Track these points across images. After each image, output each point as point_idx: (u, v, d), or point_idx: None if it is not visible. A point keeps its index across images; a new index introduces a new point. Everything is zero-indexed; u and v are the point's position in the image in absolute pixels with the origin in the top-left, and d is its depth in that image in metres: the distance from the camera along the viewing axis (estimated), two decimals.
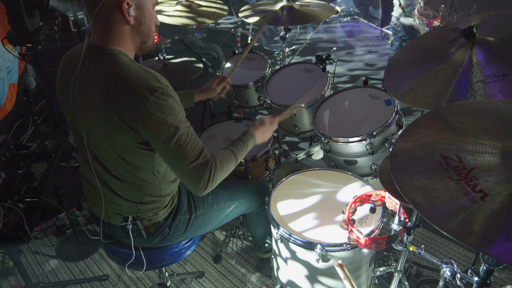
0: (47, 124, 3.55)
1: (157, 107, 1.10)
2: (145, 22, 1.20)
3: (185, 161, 1.16)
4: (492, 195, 0.69)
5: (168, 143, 1.14)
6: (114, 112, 1.12)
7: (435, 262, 1.32)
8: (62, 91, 1.26)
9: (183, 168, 1.17)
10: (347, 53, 5.38)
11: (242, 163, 1.89)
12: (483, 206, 0.68)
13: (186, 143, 1.16)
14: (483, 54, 1.21)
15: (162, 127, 1.12)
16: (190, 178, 1.19)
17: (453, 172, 0.76)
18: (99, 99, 1.13)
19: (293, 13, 2.11)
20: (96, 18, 1.14)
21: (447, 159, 0.79)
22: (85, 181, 1.41)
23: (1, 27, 3.50)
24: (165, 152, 1.17)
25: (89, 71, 1.16)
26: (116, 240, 1.49)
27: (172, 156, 1.17)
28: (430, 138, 0.86)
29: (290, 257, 1.46)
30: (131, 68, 1.13)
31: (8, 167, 1.74)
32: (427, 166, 0.80)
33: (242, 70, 2.34)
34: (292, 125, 2.04)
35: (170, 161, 1.20)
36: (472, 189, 0.70)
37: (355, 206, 1.37)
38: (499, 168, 0.73)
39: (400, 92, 1.22)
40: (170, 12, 2.15)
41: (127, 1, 1.12)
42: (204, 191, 1.22)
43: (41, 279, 2.15)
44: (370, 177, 1.72)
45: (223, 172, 1.26)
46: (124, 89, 1.10)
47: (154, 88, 1.10)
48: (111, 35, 1.16)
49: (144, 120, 1.10)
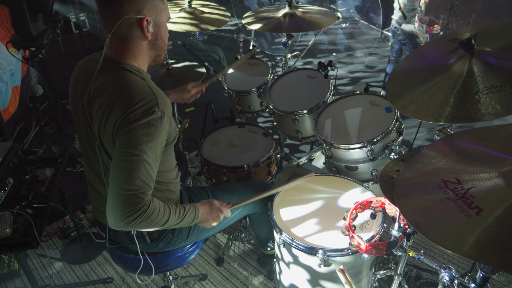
0: (50, 126, 3.58)
1: (140, 128, 1.10)
2: (161, 37, 1.25)
3: (125, 183, 1.10)
4: (486, 211, 0.73)
5: (124, 157, 1.11)
6: (112, 120, 1.15)
7: (434, 267, 1.36)
8: (75, 99, 1.29)
9: (118, 189, 1.11)
10: (348, 55, 5.41)
11: (245, 168, 1.92)
12: (478, 221, 0.72)
13: (138, 170, 1.11)
14: (481, 65, 1.23)
15: (130, 143, 1.10)
16: (114, 207, 1.11)
17: (451, 194, 0.80)
18: (106, 109, 1.16)
19: (296, 20, 2.14)
20: (115, 33, 1.17)
21: (447, 182, 0.84)
22: (90, 188, 1.44)
23: (5, 30, 3.53)
24: (115, 163, 1.13)
25: (101, 82, 1.19)
26: (121, 246, 1.52)
27: (117, 170, 1.12)
28: (433, 166, 0.91)
29: (292, 261, 1.49)
30: (139, 84, 1.16)
31: (16, 172, 1.77)
32: (428, 191, 0.84)
33: (244, 76, 2.38)
34: (295, 130, 2.07)
35: (113, 174, 1.13)
36: (468, 206, 0.75)
37: (356, 212, 1.40)
38: (494, 186, 0.77)
39: (401, 104, 1.25)
40: (174, 19, 2.18)
41: (146, 18, 1.16)
42: (119, 224, 1.12)
43: (47, 282, 2.19)
44: (370, 182, 1.76)
45: (151, 221, 1.16)
46: (124, 102, 1.12)
47: (150, 110, 1.11)
48: (128, 50, 1.20)
49: (121, 131, 1.12)
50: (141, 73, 1.21)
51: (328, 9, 2.31)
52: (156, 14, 1.20)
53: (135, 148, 1.10)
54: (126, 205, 1.10)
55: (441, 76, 1.26)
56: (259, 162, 1.94)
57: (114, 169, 1.13)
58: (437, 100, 1.20)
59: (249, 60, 2.43)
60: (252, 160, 1.94)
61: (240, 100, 2.28)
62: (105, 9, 1.16)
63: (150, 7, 1.17)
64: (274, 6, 2.43)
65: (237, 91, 2.24)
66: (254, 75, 2.34)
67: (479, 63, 1.23)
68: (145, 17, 1.16)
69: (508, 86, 1.16)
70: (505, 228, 0.69)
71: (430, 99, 1.21)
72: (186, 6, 2.28)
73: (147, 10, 1.17)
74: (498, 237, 0.69)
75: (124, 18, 1.14)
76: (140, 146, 1.10)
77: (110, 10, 1.15)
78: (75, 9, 5.23)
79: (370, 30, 6.01)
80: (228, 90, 2.27)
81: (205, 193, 1.60)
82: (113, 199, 1.12)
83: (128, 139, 1.11)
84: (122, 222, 1.11)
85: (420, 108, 1.20)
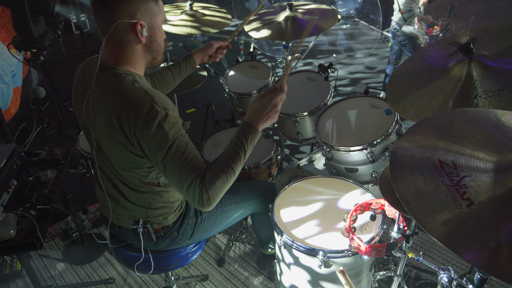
0: (51, 127, 3.59)
1: (153, 129, 1.12)
2: (156, 40, 1.25)
3: (180, 180, 1.15)
4: (477, 204, 0.74)
5: (161, 163, 1.15)
6: (117, 131, 1.17)
7: (433, 268, 1.38)
8: (77, 104, 1.31)
9: (179, 187, 1.17)
10: (348, 56, 5.43)
11: (245, 169, 1.94)
12: (467, 214, 0.73)
13: (179, 163, 1.14)
14: (480, 69, 1.24)
15: (155, 149, 1.14)
16: (187, 197, 1.18)
17: (446, 178, 0.80)
18: (106, 114, 1.18)
19: (296, 24, 2.16)
20: (109, 37, 1.17)
21: (443, 164, 0.83)
22: (97, 186, 1.47)
23: (6, 31, 3.55)
24: (161, 171, 1.18)
25: (99, 89, 1.21)
26: (125, 244, 1.54)
27: (167, 175, 1.17)
28: (431, 141, 0.90)
29: (293, 262, 1.51)
30: (134, 89, 1.16)
31: (19, 174, 1.79)
32: (424, 169, 0.84)
33: (245, 78, 2.39)
34: (295, 132, 2.09)
35: (167, 178, 1.20)
36: (461, 196, 0.75)
37: (356, 214, 1.42)
38: (489, 181, 0.77)
39: (401, 107, 1.27)
40: (175, 22, 2.20)
41: (140, 22, 1.16)
42: (208, 208, 1.17)
43: (49, 283, 2.20)
44: (370, 184, 1.78)
45: (220, 188, 1.18)
46: (126, 109, 1.14)
47: (153, 111, 1.12)
48: (122, 55, 1.21)
49: (141, 141, 1.15)
50: (134, 76, 1.21)
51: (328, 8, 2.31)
52: (151, 18, 1.20)
53: (160, 151, 1.13)
54: (192, 194, 1.14)
55: (441, 80, 1.28)
56: (260, 164, 1.96)
57: (164, 175, 1.19)
58: (436, 104, 1.22)
59: (250, 62, 2.44)
60: (252, 162, 1.96)
61: (241, 102, 2.29)
62: (99, 13, 1.16)
63: (144, 11, 1.17)
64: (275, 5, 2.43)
65: (238, 93, 2.25)
66: (255, 77, 2.35)
67: (478, 67, 1.24)
68: (139, 21, 1.16)
69: (506, 91, 1.17)
70: (493, 230, 0.71)
71: (429, 103, 1.23)
72: (187, 8, 2.30)
73: (141, 14, 1.16)
74: (484, 235, 0.70)
75: (118, 22, 1.14)
76: (168, 141, 1.13)
77: (104, 14, 1.15)
78: (75, 9, 5.25)
79: (370, 30, 6.02)
80: (229, 92, 2.29)
81: None
82: (184, 196, 1.17)
83: (150, 147, 1.14)
84: (205, 206, 1.16)
85: (420, 111, 1.22)
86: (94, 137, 1.26)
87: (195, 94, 2.08)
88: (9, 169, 1.71)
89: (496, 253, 0.68)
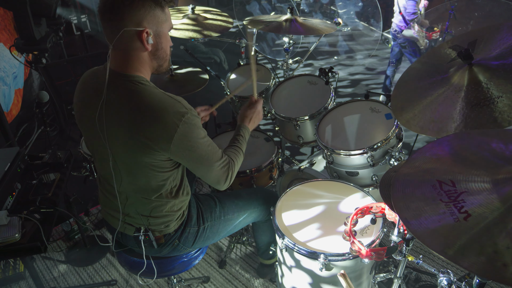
0: (52, 128, 3.61)
1: (186, 132, 1.20)
2: (162, 48, 1.25)
3: (211, 168, 1.34)
4: (474, 216, 0.76)
5: (197, 160, 1.30)
6: (142, 137, 1.18)
7: (432, 271, 1.39)
8: (83, 115, 1.31)
9: (211, 174, 1.36)
10: (348, 57, 5.44)
11: (247, 173, 1.96)
12: (464, 225, 0.75)
13: (210, 154, 1.32)
14: (479, 76, 1.25)
15: (191, 149, 1.25)
16: (217, 180, 1.39)
17: (444, 195, 0.83)
18: (125, 124, 1.19)
19: (296, 25, 2.18)
20: (116, 45, 1.18)
21: (442, 184, 0.86)
22: (101, 193, 1.48)
23: (8, 34, 3.56)
24: (194, 166, 1.33)
25: (111, 97, 1.21)
26: (127, 249, 1.55)
27: (200, 167, 1.33)
28: (432, 165, 0.93)
29: (294, 265, 1.53)
30: (157, 96, 1.19)
31: (23, 178, 1.80)
32: (424, 190, 0.87)
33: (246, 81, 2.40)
34: (296, 135, 2.10)
35: (198, 171, 1.36)
36: (458, 211, 0.78)
37: (356, 217, 1.44)
38: (486, 193, 0.80)
39: (404, 118, 1.28)
40: (177, 25, 2.21)
41: (146, 30, 1.17)
42: (227, 186, 1.43)
43: (52, 284, 2.22)
44: (371, 187, 1.79)
45: (237, 167, 1.48)
46: (152, 117, 1.16)
47: (181, 113, 1.18)
48: (130, 62, 1.21)
49: (176, 144, 1.20)
50: (149, 83, 1.23)
51: (329, 21, 2.32)
52: (157, 26, 1.20)
53: (196, 150, 1.26)
54: (223, 176, 1.39)
55: (442, 89, 1.27)
56: (261, 167, 1.98)
57: (194, 169, 1.34)
58: (438, 115, 1.22)
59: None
60: (254, 165, 1.98)
61: (243, 105, 2.30)
62: (106, 21, 1.17)
63: (150, 19, 1.17)
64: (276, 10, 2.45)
65: (240, 96, 2.27)
66: (256, 81, 2.36)
67: (476, 73, 1.24)
68: (145, 29, 1.16)
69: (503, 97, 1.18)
70: (490, 237, 0.73)
71: (432, 114, 1.23)
72: (189, 12, 2.31)
73: (147, 22, 1.17)
74: (482, 245, 0.72)
75: (124, 30, 1.14)
76: (196, 144, 1.26)
77: (111, 22, 1.16)
78: (76, 10, 5.26)
79: (370, 32, 6.04)
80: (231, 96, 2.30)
81: (212, 200, 1.63)
82: (212, 181, 1.40)
83: (186, 148, 1.24)
84: (229, 184, 1.43)
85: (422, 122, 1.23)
86: (109, 146, 1.25)
87: (197, 97, 2.09)
88: (13, 172, 1.72)
89: (493, 258, 0.70)
